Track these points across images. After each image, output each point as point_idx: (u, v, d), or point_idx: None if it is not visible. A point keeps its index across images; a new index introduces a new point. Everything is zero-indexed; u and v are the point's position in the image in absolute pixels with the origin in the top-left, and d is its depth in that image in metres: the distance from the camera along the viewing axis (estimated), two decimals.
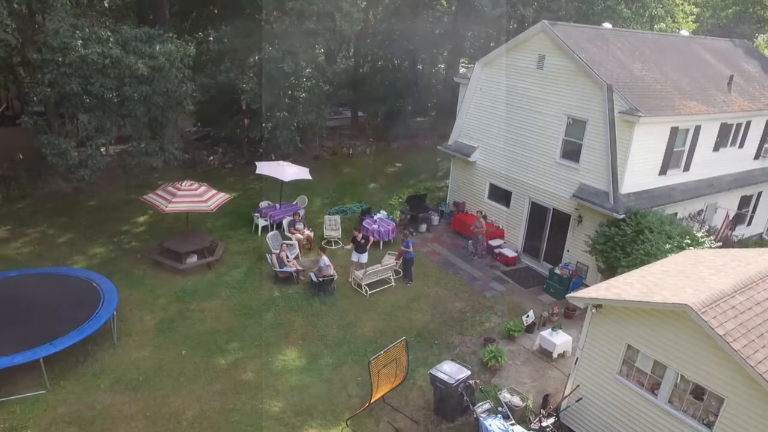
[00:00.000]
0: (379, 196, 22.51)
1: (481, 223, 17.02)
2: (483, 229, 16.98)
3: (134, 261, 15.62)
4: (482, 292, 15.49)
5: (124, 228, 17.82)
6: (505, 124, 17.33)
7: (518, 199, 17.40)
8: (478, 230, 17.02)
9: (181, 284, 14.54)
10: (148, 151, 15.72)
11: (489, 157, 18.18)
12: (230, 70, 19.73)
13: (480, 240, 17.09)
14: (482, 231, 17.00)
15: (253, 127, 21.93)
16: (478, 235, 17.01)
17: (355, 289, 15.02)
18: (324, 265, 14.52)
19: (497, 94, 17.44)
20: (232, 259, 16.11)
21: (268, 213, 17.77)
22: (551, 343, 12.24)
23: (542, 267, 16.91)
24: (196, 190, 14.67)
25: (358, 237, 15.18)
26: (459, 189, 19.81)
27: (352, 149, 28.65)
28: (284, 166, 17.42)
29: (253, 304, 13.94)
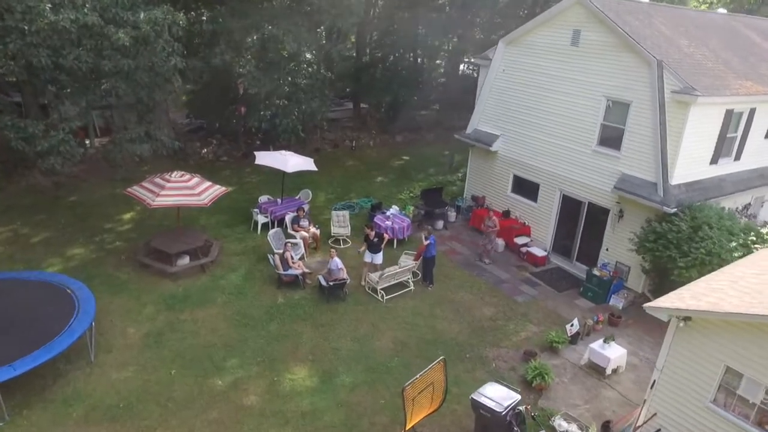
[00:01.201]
0: (388, 190, 20.74)
1: (493, 222, 15.05)
2: (495, 228, 15.07)
3: (118, 263, 13.76)
4: (512, 296, 13.77)
5: (108, 226, 15.94)
6: (532, 110, 15.58)
7: (547, 192, 15.68)
8: (490, 229, 15.03)
9: (171, 290, 12.71)
10: (132, 138, 13.78)
11: (513, 146, 16.44)
12: (225, 52, 17.86)
13: (492, 240, 15.20)
14: (495, 229, 15.09)
15: (251, 116, 20.07)
16: (491, 234, 15.12)
17: (369, 294, 13.25)
18: (335, 267, 12.74)
19: (523, 75, 15.70)
20: (228, 261, 14.28)
21: (268, 209, 15.96)
22: (604, 357, 10.53)
23: (575, 268, 15.21)
24: (187, 182, 12.84)
25: (371, 235, 13.40)
26: (478, 182, 18.06)
27: (355, 142, 26.85)
28: (286, 156, 15.61)
29: (253, 313, 12.14)
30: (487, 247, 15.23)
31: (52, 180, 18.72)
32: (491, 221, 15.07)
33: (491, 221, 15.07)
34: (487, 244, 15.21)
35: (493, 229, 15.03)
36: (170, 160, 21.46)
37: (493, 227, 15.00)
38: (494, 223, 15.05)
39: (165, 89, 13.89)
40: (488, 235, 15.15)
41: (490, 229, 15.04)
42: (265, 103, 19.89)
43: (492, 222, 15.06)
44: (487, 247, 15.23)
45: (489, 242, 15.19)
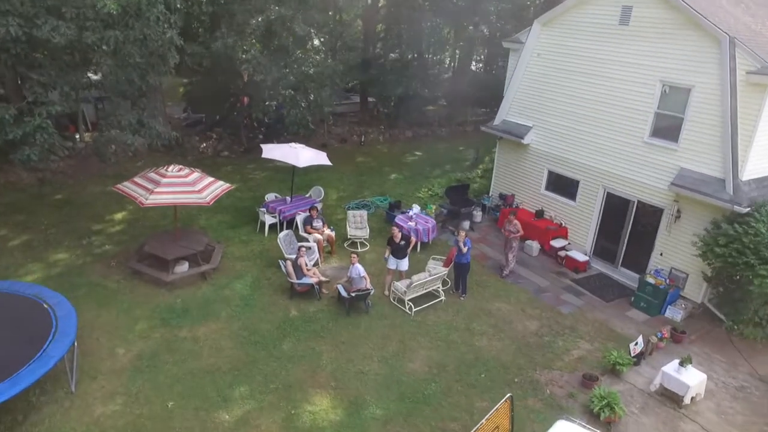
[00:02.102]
0: (403, 187, 19.08)
1: (515, 226, 12.84)
2: (518, 233, 12.94)
3: (107, 270, 12.06)
4: (556, 306, 12.14)
5: (97, 227, 14.22)
6: (571, 98, 13.95)
7: (588, 190, 14.05)
8: (512, 235, 12.87)
9: (168, 301, 11.03)
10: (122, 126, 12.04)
11: (548, 139, 14.80)
12: (227, 35, 16.18)
13: (513, 248, 13.07)
14: (517, 235, 12.95)
15: (255, 107, 18.38)
16: (512, 241, 13.01)
17: (395, 306, 11.61)
18: (357, 275, 11.08)
19: (561, 59, 14.06)
20: (233, 267, 12.61)
21: (276, 208, 14.27)
22: (681, 383, 8.90)
23: (620, 274, 13.59)
24: (186, 177, 11.15)
25: (397, 237, 11.74)
26: (506, 178, 16.41)
27: (364, 137, 25.18)
28: (297, 149, 13.92)
29: (263, 328, 10.47)
30: (508, 256, 13.12)
31: (36, 176, 17.02)
32: (513, 225, 12.88)
33: (513, 225, 12.88)
34: (508, 253, 13.12)
35: (515, 235, 12.89)
36: (167, 155, 19.80)
37: (515, 232, 12.86)
38: (516, 227, 12.87)
39: (160, 70, 12.16)
40: (509, 242, 13.03)
41: (512, 235, 12.90)
42: (270, 93, 18.20)
43: (514, 226, 12.87)
44: (508, 256, 13.12)
45: (510, 250, 13.08)
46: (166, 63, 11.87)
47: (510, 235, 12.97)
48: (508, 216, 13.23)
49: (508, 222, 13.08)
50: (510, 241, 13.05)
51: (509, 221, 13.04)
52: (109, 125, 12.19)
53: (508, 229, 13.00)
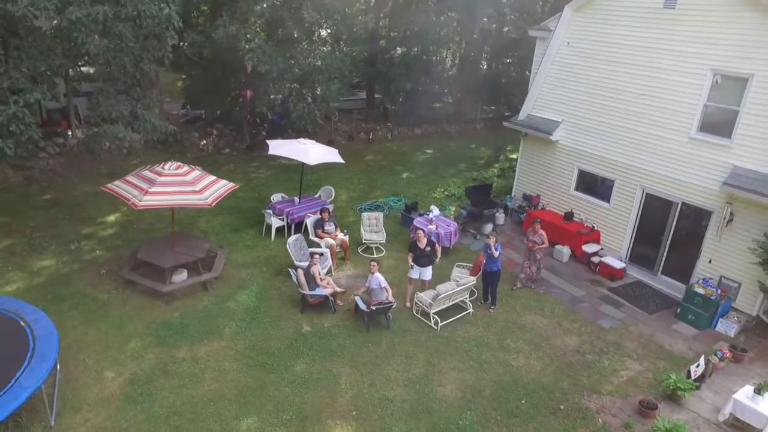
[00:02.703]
0: (417, 187, 17.89)
1: (541, 236, 11.35)
2: (544, 244, 11.44)
3: (96, 279, 10.84)
4: (595, 320, 10.95)
5: (87, 230, 13.00)
6: (606, 90, 12.77)
7: (624, 191, 12.87)
8: (536, 246, 11.35)
9: (165, 316, 9.82)
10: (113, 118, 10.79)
11: (579, 135, 13.62)
12: (229, 23, 14.97)
13: (537, 261, 11.62)
14: (543, 246, 11.43)
15: (259, 101, 17.18)
16: (537, 253, 11.52)
17: (418, 320, 10.41)
18: (377, 285, 9.89)
19: (595, 48, 12.87)
20: (237, 275, 11.40)
21: (283, 210, 13.06)
22: (758, 414, 7.71)
23: (660, 282, 12.42)
24: (185, 176, 9.93)
25: (422, 242, 10.53)
26: (531, 178, 15.22)
27: (372, 134, 23.98)
28: (307, 145, 12.70)
29: (273, 347, 9.26)
30: (531, 269, 11.64)
31: (23, 174, 15.80)
32: (539, 235, 11.35)
33: (539, 235, 11.35)
34: (531, 266, 11.62)
35: (541, 246, 11.41)
36: (165, 152, 18.63)
37: (540, 243, 11.37)
38: (542, 238, 11.35)
39: (156, 56, 10.86)
40: (533, 254, 11.52)
41: (536, 246, 11.39)
42: (275, 86, 16.99)
43: (539, 237, 11.35)
44: (531, 269, 11.64)
45: (534, 263, 11.60)
46: (163, 44, 10.58)
47: (535, 247, 11.39)
48: (532, 224, 11.57)
49: (532, 231, 11.47)
50: (534, 253, 11.50)
51: (533, 230, 11.44)
52: (98, 117, 10.90)
53: (532, 240, 11.39)
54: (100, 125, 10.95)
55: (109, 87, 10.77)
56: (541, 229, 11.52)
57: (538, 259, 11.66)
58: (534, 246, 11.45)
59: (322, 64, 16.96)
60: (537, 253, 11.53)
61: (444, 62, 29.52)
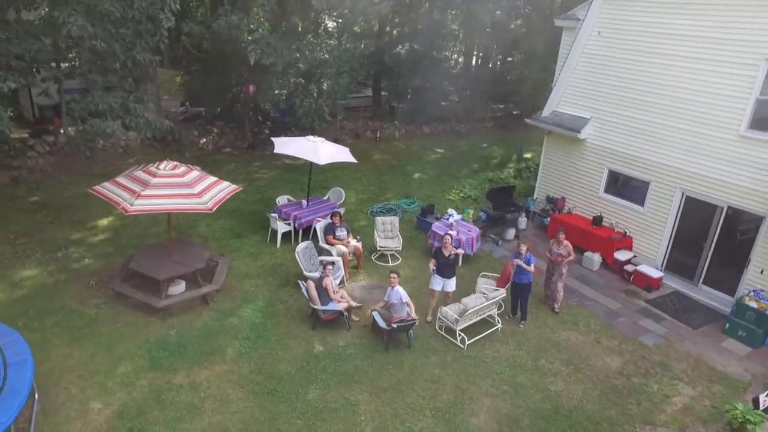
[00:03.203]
0: (430, 188, 16.84)
1: (567, 248, 10.01)
2: (570, 257, 10.07)
3: (84, 292, 9.78)
4: (636, 336, 9.92)
5: (76, 236, 11.94)
6: (641, 84, 11.74)
7: (661, 194, 11.83)
8: (560, 259, 10.02)
9: (160, 334, 8.76)
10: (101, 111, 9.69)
11: (610, 133, 12.58)
12: (230, 12, 13.93)
13: (563, 275, 10.24)
14: (569, 259, 10.09)
15: (263, 96, 16.13)
16: (562, 267, 10.16)
17: (441, 336, 9.37)
18: (397, 301, 8.84)
19: (629, 39, 11.84)
20: (240, 287, 10.34)
21: (290, 213, 12.01)
22: None
23: (701, 293, 11.38)
24: (182, 177, 8.86)
25: (448, 248, 9.45)
26: (556, 179, 14.17)
27: (380, 132, 22.93)
28: (317, 143, 11.65)
29: (281, 371, 8.20)
30: (557, 285, 10.24)
31: (9, 174, 14.73)
32: (564, 247, 10.02)
33: (564, 247, 10.02)
34: (557, 282, 10.26)
35: (567, 259, 10.10)
36: (162, 151, 17.60)
37: (566, 256, 10.07)
38: (568, 249, 10.04)
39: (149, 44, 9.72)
40: (558, 268, 10.18)
41: (560, 259, 10.06)
42: (279, 81, 15.95)
43: (565, 248, 10.03)
44: (557, 285, 10.24)
45: (559, 278, 10.21)
46: (158, 28, 9.47)
47: (561, 260, 10.05)
48: (556, 234, 10.24)
49: (555, 243, 10.12)
50: (559, 267, 10.18)
51: (557, 241, 10.08)
52: (83, 110, 9.79)
53: (557, 253, 10.04)
54: (86, 120, 9.85)
55: (96, 77, 9.68)
56: (566, 239, 10.17)
57: (564, 273, 10.28)
58: (561, 259, 10.06)
59: (331, 57, 15.91)
60: (562, 267, 10.18)
61: (451, 59, 28.36)
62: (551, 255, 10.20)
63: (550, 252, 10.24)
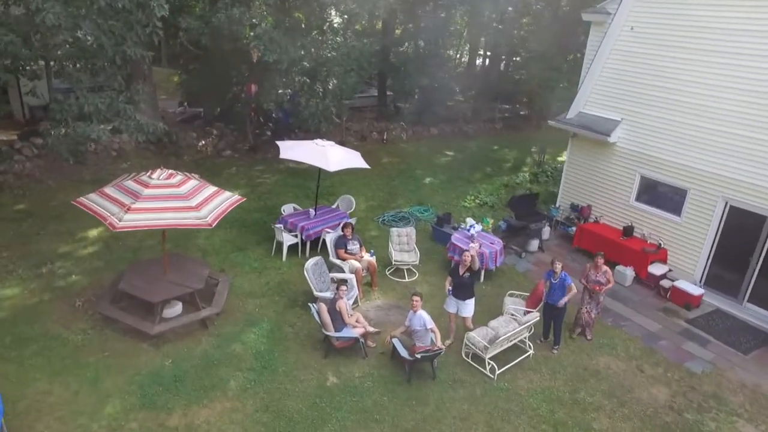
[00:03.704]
0: (443, 195, 15.86)
1: (606, 275, 8.83)
2: (609, 284, 8.88)
3: (69, 315, 8.77)
4: (681, 362, 8.95)
5: (63, 249, 10.95)
6: (677, 83, 10.77)
7: (700, 203, 10.87)
8: (598, 287, 8.85)
9: (153, 365, 7.77)
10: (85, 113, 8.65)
11: (642, 136, 11.61)
12: (231, 5, 12.96)
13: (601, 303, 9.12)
14: (608, 287, 8.91)
15: (265, 96, 15.14)
16: (599, 296, 8.99)
17: (467, 364, 8.40)
18: (421, 327, 7.86)
19: (665, 33, 10.88)
20: (243, 307, 9.35)
21: (297, 224, 11.03)
22: None
23: (746, 312, 10.42)
24: (178, 187, 7.87)
25: (467, 265, 8.44)
26: (581, 185, 13.18)
27: (386, 134, 21.94)
28: (326, 147, 10.66)
29: (291, 409, 7.22)
30: (591, 313, 9.11)
31: None
32: (603, 274, 8.84)
33: (603, 274, 8.84)
34: (591, 310, 9.12)
35: (606, 287, 8.90)
36: (158, 155, 16.61)
37: (605, 283, 8.87)
38: (607, 276, 8.87)
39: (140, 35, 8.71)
40: (595, 296, 9.01)
41: (599, 288, 8.86)
42: (284, 80, 14.97)
43: (604, 275, 8.85)
44: (591, 313, 9.11)
45: (597, 306, 9.11)
46: (150, 18, 8.44)
47: (600, 289, 8.85)
48: (595, 260, 8.92)
49: (593, 268, 8.93)
50: (596, 295, 8.98)
51: (596, 267, 8.88)
52: (65, 112, 8.74)
53: (595, 281, 8.86)
54: (67, 122, 8.83)
55: (80, 74, 8.66)
56: (604, 264, 8.94)
57: (601, 302, 9.14)
58: (599, 288, 8.85)
59: (338, 54, 14.93)
60: (600, 296, 9.01)
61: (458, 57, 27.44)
62: (588, 283, 8.96)
63: (586, 279, 8.99)
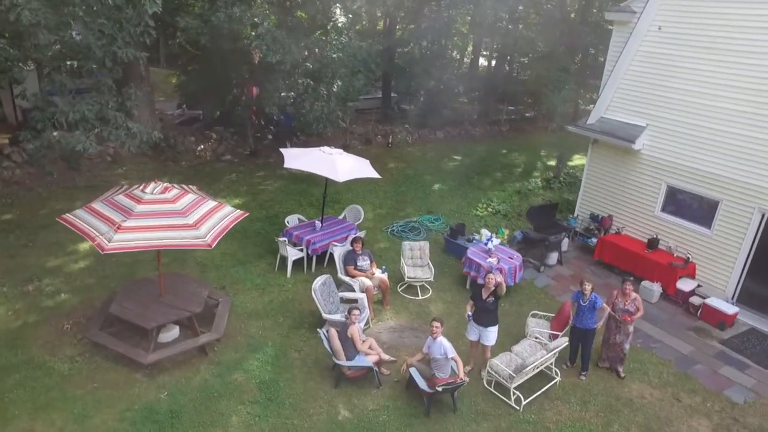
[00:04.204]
0: (453, 202, 15.16)
1: (635, 303, 7.97)
2: (639, 313, 7.98)
3: (56, 339, 8.05)
4: (720, 389, 8.27)
5: (52, 263, 10.24)
6: (709, 86, 10.09)
7: (734, 214, 10.18)
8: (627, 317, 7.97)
9: (147, 397, 7.06)
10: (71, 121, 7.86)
11: (670, 143, 10.92)
12: (231, 4, 12.27)
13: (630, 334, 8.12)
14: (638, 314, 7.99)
15: (267, 98, 14.44)
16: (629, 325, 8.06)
17: (490, 393, 7.70)
18: (441, 355, 7.15)
19: (696, 33, 10.19)
20: (245, 330, 8.64)
21: (303, 237, 10.33)
22: None
23: None
24: (173, 202, 7.15)
25: (491, 288, 7.74)
26: (602, 194, 12.49)
27: (392, 137, 21.23)
28: (333, 155, 9.95)
29: None
30: (624, 347, 8.17)
31: None
32: (632, 302, 7.97)
33: (632, 302, 7.97)
34: (623, 343, 8.14)
35: (636, 316, 8.00)
36: (155, 160, 15.95)
37: (634, 312, 7.99)
38: (637, 303, 8.00)
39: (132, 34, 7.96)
40: (624, 327, 8.08)
41: (629, 318, 7.98)
42: (287, 82, 14.27)
43: (633, 303, 7.99)
44: (624, 347, 8.17)
45: (625, 339, 8.12)
46: (141, 16, 7.69)
47: (630, 320, 7.98)
48: (623, 286, 8.02)
49: (621, 295, 8.04)
50: (625, 325, 8.09)
51: (624, 294, 7.99)
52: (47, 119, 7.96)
53: (624, 309, 7.97)
54: (50, 132, 8.06)
55: (62, 77, 7.90)
56: (633, 290, 8.06)
57: (630, 332, 8.15)
58: (631, 319, 7.98)
59: (344, 55, 14.22)
60: (629, 326, 8.10)
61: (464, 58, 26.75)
62: (617, 313, 8.02)
63: (613, 308, 8.08)
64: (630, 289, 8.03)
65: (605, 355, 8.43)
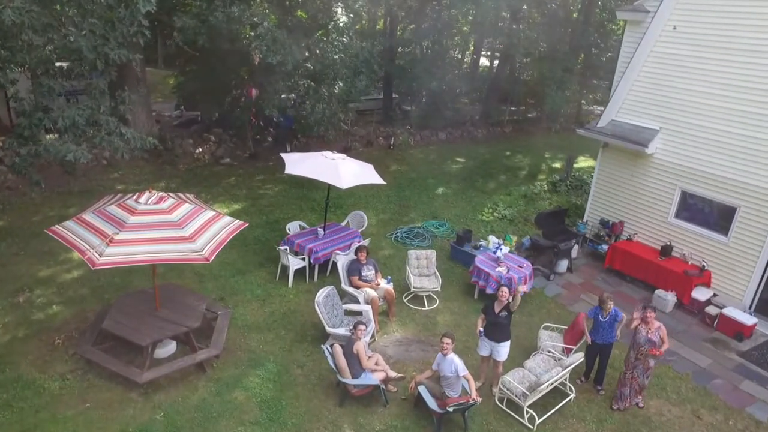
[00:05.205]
0: (458, 206, 14.78)
1: (659, 330, 7.16)
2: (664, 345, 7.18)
3: (47, 355, 7.67)
4: (742, 406, 7.91)
5: (44, 273, 9.86)
6: (726, 89, 9.71)
7: (753, 221, 9.81)
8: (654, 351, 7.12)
9: (142, 418, 6.69)
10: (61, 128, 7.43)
11: (684, 147, 10.55)
12: (229, 3, 11.89)
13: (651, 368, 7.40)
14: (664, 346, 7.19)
15: (267, 100, 14.05)
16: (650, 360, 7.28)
17: (501, 411, 7.34)
18: (452, 373, 6.77)
19: (712, 33, 9.82)
20: (246, 345, 8.25)
21: (304, 245, 9.95)
22: None
23: None
24: (168, 213, 6.76)
25: (503, 302, 7.37)
26: (612, 199, 12.11)
27: (394, 139, 20.85)
28: (336, 160, 9.57)
29: None
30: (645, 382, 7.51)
31: None
32: (656, 331, 7.14)
33: (656, 331, 7.14)
34: (641, 376, 7.42)
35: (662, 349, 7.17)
36: (152, 163, 15.57)
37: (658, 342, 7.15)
38: (661, 335, 7.16)
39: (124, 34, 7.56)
40: (645, 361, 7.30)
41: (657, 352, 7.13)
42: (288, 84, 13.88)
43: (657, 333, 7.15)
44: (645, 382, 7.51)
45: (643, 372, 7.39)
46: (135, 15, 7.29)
47: (659, 354, 7.17)
48: (644, 313, 7.22)
49: (642, 323, 7.22)
50: (647, 360, 7.28)
51: (646, 322, 7.18)
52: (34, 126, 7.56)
53: (647, 340, 7.12)
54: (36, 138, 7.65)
55: (51, 81, 7.49)
56: (656, 319, 7.25)
57: (651, 368, 7.40)
58: (652, 350, 7.11)
59: (346, 56, 13.85)
60: (649, 360, 7.29)
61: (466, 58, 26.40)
62: (640, 344, 7.18)
63: (634, 337, 7.26)
64: (653, 317, 7.27)
65: (618, 393, 7.58)
